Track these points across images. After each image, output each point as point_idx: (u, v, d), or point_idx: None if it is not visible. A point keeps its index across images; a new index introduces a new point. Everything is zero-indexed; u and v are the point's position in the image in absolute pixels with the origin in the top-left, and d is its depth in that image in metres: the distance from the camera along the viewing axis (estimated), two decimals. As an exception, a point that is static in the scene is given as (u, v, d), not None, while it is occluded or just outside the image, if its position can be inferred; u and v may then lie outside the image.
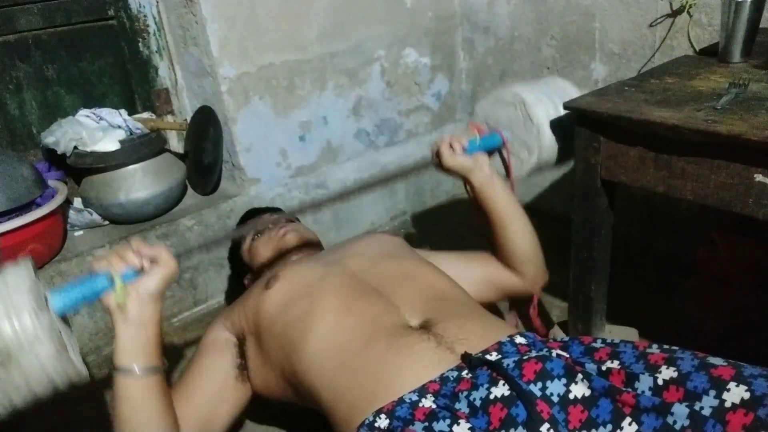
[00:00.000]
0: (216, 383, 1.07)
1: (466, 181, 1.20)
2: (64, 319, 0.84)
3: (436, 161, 1.18)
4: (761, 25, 1.11)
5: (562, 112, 1.13)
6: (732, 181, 0.87)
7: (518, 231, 1.18)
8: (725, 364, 0.72)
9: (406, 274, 1.10)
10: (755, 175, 0.84)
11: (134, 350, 0.86)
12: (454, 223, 2.01)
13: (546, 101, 1.18)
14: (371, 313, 0.98)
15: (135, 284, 0.85)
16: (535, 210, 1.97)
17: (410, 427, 0.79)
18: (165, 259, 0.88)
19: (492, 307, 1.32)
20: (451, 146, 1.17)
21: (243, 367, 1.10)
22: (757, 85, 0.98)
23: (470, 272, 1.23)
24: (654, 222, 1.65)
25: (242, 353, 1.10)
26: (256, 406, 1.18)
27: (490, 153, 1.23)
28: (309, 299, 1.03)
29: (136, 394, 0.87)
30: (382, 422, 0.82)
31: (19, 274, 0.77)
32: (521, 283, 1.22)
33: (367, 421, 0.83)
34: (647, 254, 1.63)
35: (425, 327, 0.95)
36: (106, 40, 1.65)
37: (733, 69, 1.10)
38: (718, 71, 1.10)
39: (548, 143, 1.18)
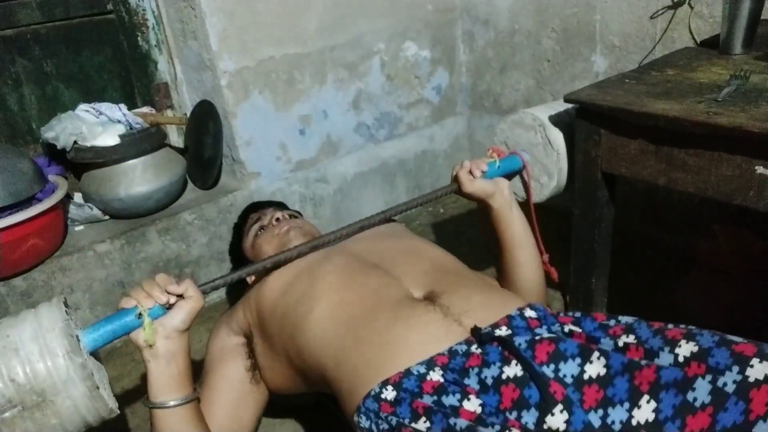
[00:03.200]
0: (233, 392, 1.07)
1: (484, 205, 1.16)
2: (95, 353, 0.85)
3: (456, 187, 1.15)
4: (762, 17, 1.11)
5: None
6: (733, 173, 0.87)
7: (527, 259, 1.15)
8: (745, 341, 0.70)
9: (406, 250, 1.10)
10: (756, 167, 0.84)
11: (166, 384, 0.88)
12: (455, 219, 2.01)
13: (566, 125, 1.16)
14: (373, 286, 0.98)
15: (162, 320, 0.87)
16: (535, 203, 1.98)
17: (419, 399, 0.79)
18: (191, 294, 0.89)
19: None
20: (470, 171, 1.13)
21: (254, 367, 1.09)
22: (758, 77, 0.98)
23: None
24: (654, 214, 1.65)
25: (251, 352, 1.10)
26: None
27: (509, 176, 1.20)
28: (310, 279, 1.03)
29: (172, 426, 0.88)
30: (389, 394, 0.81)
31: (53, 315, 0.79)
32: None
33: (373, 392, 0.83)
34: (648, 247, 1.63)
35: (429, 298, 0.95)
36: (105, 34, 1.65)
37: (734, 61, 1.10)
38: (719, 63, 1.10)
39: (568, 168, 1.17)
